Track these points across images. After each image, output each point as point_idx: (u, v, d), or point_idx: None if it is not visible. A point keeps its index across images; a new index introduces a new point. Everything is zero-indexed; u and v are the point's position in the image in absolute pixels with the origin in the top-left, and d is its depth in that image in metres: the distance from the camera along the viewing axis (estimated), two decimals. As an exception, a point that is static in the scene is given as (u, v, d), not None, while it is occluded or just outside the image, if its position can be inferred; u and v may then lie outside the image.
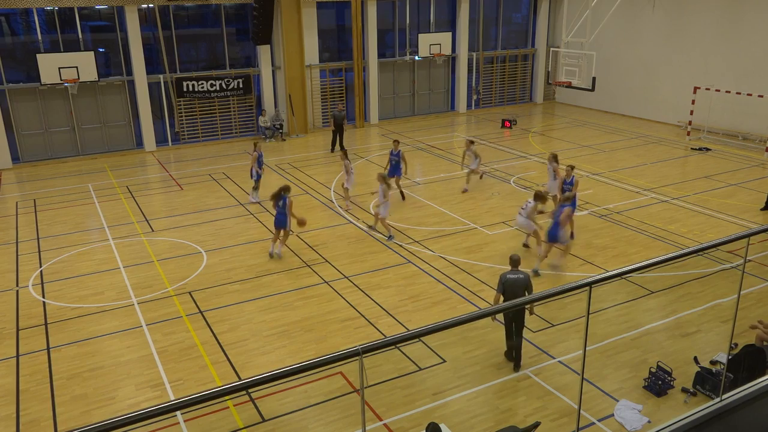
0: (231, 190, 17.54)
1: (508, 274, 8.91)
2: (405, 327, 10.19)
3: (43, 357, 9.58)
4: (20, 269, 12.78)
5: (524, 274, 8.89)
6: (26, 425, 8.10)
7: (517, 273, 8.88)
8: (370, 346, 3.44)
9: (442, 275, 12.01)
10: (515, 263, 9.02)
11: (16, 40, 21.22)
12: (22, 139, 20.84)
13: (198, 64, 23.54)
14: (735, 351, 8.61)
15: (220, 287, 11.73)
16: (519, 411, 8.06)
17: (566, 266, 12.22)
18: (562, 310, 10.41)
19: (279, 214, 12.81)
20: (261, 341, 9.87)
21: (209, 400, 3.04)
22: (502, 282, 8.86)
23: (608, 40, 25.65)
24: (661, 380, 8.31)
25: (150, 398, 8.57)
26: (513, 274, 8.86)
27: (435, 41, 25.89)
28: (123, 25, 21.36)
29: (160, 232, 14.59)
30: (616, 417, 7.88)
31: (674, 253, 4.60)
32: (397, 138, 20.56)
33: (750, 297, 10.75)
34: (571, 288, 4.21)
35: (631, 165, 19.21)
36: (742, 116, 22.00)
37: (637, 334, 9.84)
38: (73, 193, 17.69)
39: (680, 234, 13.77)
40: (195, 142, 23.30)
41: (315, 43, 24.33)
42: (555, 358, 9.19)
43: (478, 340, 9.63)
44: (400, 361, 9.12)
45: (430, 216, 15.18)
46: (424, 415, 7.97)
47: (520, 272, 8.90)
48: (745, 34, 21.86)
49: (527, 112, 28.36)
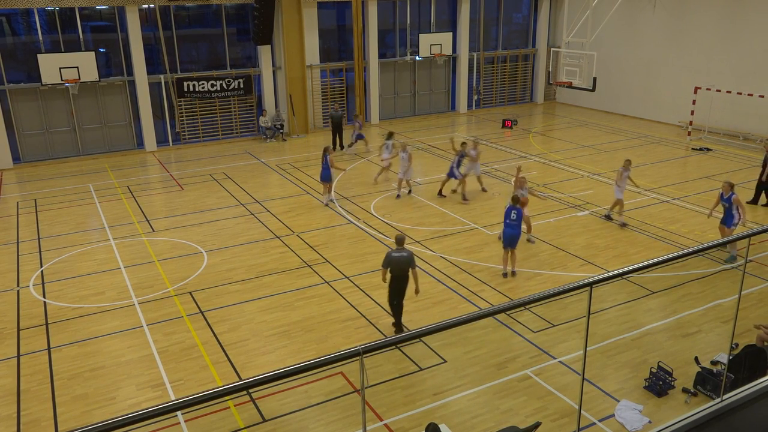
0: (231, 190, 17.55)
1: (393, 252, 9.66)
2: (405, 327, 10.19)
3: (43, 357, 9.58)
4: (21, 269, 12.79)
5: (407, 252, 9.64)
6: (27, 425, 8.10)
7: (400, 251, 9.61)
8: (370, 346, 3.44)
9: (442, 275, 12.01)
10: (400, 242, 9.74)
11: (16, 40, 21.23)
12: (23, 139, 20.85)
13: (199, 65, 23.54)
14: (736, 351, 8.61)
15: (221, 287, 11.73)
16: (519, 411, 8.06)
17: (566, 265, 12.23)
18: (563, 311, 10.41)
19: (324, 169, 15.83)
20: (262, 341, 9.87)
21: (210, 400, 3.04)
22: (388, 259, 9.63)
23: (609, 41, 25.64)
24: (662, 380, 8.31)
25: (150, 398, 8.57)
26: (397, 253, 9.61)
27: (436, 41, 25.88)
28: (124, 26, 21.37)
29: (161, 232, 14.60)
30: (617, 417, 7.88)
31: (675, 253, 4.60)
32: (400, 139, 20.53)
33: (750, 297, 10.75)
34: (572, 288, 4.21)
35: (631, 165, 19.15)
36: (743, 116, 21.99)
37: (637, 334, 9.83)
38: (74, 194, 17.70)
39: (681, 234, 13.76)
40: (196, 142, 23.31)
41: (315, 43, 24.33)
42: (556, 358, 9.19)
43: (478, 340, 9.63)
44: (400, 362, 9.12)
45: (431, 216, 15.18)
46: (425, 416, 7.96)
47: (403, 250, 9.64)
48: (745, 34, 21.85)
49: (528, 112, 28.35)
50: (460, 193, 16.28)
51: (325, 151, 15.82)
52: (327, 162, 15.67)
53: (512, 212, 11.75)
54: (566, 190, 16.83)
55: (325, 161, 15.74)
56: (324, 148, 15.90)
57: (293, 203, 16.41)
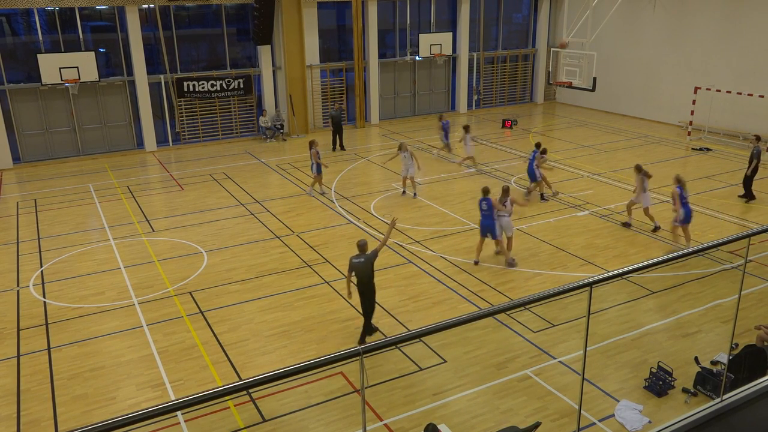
0: (231, 190, 17.55)
1: (353, 258, 9.65)
2: (405, 327, 10.19)
3: (43, 357, 9.58)
4: (21, 269, 12.79)
5: (365, 256, 9.62)
6: (27, 425, 8.10)
7: (359, 257, 9.61)
8: (370, 346, 3.45)
9: (442, 275, 12.01)
10: (361, 248, 9.68)
11: (16, 40, 21.23)
12: (23, 139, 20.85)
13: (199, 65, 23.54)
14: (736, 351, 8.61)
15: (221, 287, 11.73)
16: (519, 411, 8.06)
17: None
18: (563, 311, 10.41)
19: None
20: (261, 341, 9.87)
21: (210, 400, 3.04)
22: (350, 265, 9.68)
23: (609, 41, 25.64)
24: (662, 380, 8.31)
25: (150, 398, 8.57)
26: (357, 258, 9.61)
27: (436, 41, 25.89)
28: (124, 26, 21.37)
29: (161, 232, 14.60)
30: (617, 417, 7.88)
31: (675, 253, 4.60)
32: (400, 139, 20.55)
33: (750, 297, 10.75)
34: (572, 288, 4.21)
35: (631, 165, 19.09)
36: (743, 116, 21.99)
37: (637, 334, 9.83)
38: (74, 194, 17.70)
39: (681, 234, 13.74)
40: (196, 142, 23.31)
41: (315, 43, 24.33)
42: (555, 358, 9.19)
43: (478, 340, 9.63)
44: (400, 362, 9.12)
45: (431, 216, 15.18)
46: (425, 416, 7.97)
47: (362, 256, 9.63)
48: (745, 34, 21.85)
49: (528, 112, 28.35)
50: (538, 192, 16.06)
51: (311, 144, 16.59)
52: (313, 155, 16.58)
53: (483, 203, 12.30)
54: (566, 190, 16.83)
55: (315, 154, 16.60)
56: (309, 142, 16.73)
57: (293, 203, 16.41)
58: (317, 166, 16.58)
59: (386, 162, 18.98)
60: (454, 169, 19.01)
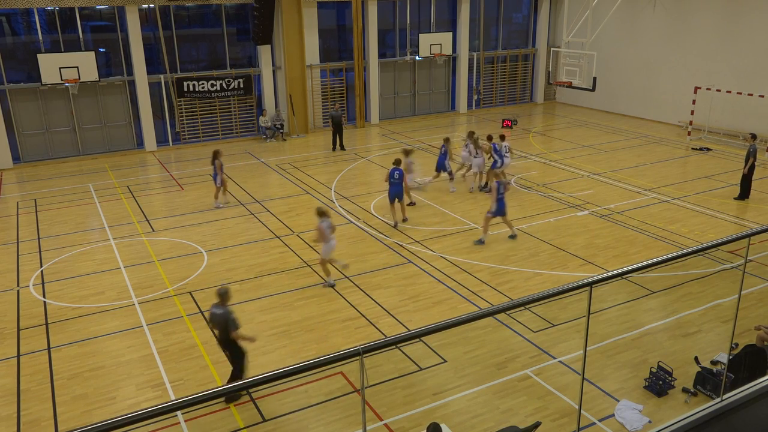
0: (231, 190, 17.54)
1: (213, 308, 8.36)
2: (405, 327, 10.19)
3: (43, 357, 9.58)
4: (21, 269, 12.79)
5: (224, 309, 8.21)
6: (27, 425, 8.10)
7: (217, 308, 8.26)
8: (370, 346, 3.44)
9: (442, 275, 12.01)
10: (219, 296, 8.30)
11: (16, 40, 21.23)
12: (23, 139, 20.85)
13: (198, 64, 23.54)
14: (736, 351, 8.61)
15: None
16: (519, 411, 8.06)
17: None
18: (563, 311, 10.41)
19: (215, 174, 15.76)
20: (261, 341, 9.86)
21: (210, 400, 3.04)
22: (209, 314, 8.53)
23: (609, 40, 25.64)
24: (662, 380, 8.31)
25: (150, 398, 8.57)
26: (215, 308, 8.30)
27: (435, 41, 25.89)
28: (124, 25, 21.37)
29: (161, 232, 14.60)
30: (617, 417, 7.88)
31: (675, 253, 4.60)
32: (400, 139, 20.52)
33: (750, 297, 10.75)
34: (572, 288, 4.21)
35: (631, 165, 19.20)
36: (743, 116, 21.98)
37: (637, 334, 9.83)
38: (74, 193, 17.69)
39: (681, 234, 13.76)
40: (196, 142, 23.31)
41: (315, 42, 24.33)
42: (555, 358, 9.19)
43: (478, 340, 9.63)
44: (400, 361, 9.12)
45: (431, 216, 15.18)
46: (425, 415, 7.97)
47: (220, 307, 8.23)
48: (745, 34, 21.85)
49: (528, 112, 28.35)
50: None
51: (215, 155, 15.64)
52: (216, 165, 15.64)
53: (395, 173, 14.01)
54: (566, 189, 16.83)
55: (214, 165, 15.64)
56: (214, 152, 15.73)
57: (293, 203, 16.41)
58: (220, 177, 15.68)
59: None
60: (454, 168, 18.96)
